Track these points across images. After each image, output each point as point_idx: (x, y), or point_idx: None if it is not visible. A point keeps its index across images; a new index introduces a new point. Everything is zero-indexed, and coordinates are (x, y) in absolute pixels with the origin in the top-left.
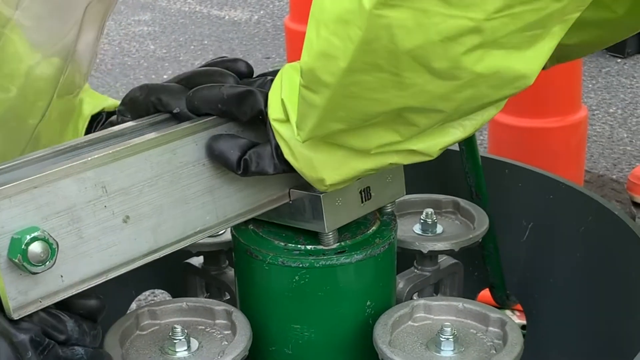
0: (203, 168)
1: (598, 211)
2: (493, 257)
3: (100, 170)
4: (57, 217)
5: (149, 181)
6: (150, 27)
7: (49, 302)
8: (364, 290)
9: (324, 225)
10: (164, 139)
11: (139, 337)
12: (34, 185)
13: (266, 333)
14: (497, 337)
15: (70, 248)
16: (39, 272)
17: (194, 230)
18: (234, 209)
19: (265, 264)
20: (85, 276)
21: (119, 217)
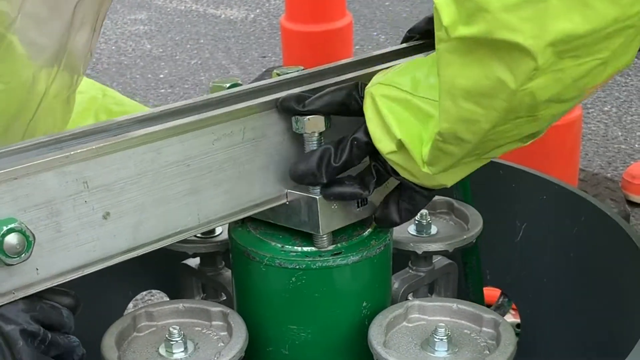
0: (187, 169)
1: (591, 212)
2: (475, 273)
3: (82, 165)
4: (36, 209)
5: (131, 179)
6: (146, 26)
7: (23, 294)
8: (360, 291)
9: (319, 227)
10: (149, 138)
11: (136, 338)
12: (14, 177)
13: (263, 334)
14: (490, 338)
15: (48, 241)
16: (14, 263)
17: (174, 230)
18: (216, 211)
19: (262, 265)
20: (62, 270)
21: (99, 213)
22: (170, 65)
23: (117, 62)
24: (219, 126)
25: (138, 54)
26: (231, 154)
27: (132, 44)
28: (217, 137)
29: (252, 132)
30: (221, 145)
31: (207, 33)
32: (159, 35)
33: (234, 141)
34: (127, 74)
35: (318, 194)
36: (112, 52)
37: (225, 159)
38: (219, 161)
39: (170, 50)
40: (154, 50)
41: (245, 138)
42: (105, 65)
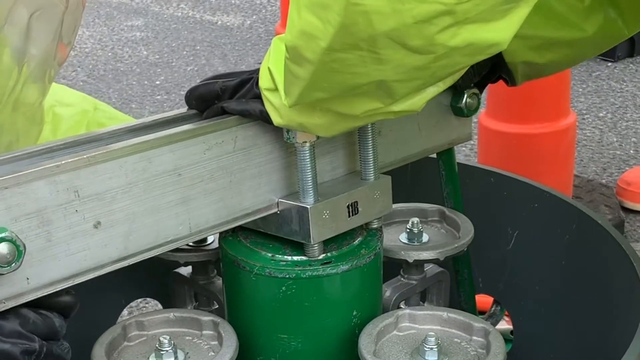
0: (179, 178)
1: (582, 220)
2: (467, 282)
3: (73, 174)
4: (26, 218)
5: (122, 188)
6: (143, 32)
7: (14, 303)
8: (350, 300)
9: (310, 237)
10: (140, 147)
11: (126, 348)
12: (5, 186)
13: (253, 343)
14: (480, 346)
15: (39, 250)
16: (4, 273)
17: (166, 240)
18: (208, 220)
19: (252, 275)
20: (52, 279)
21: (90, 222)
22: (166, 71)
23: (113, 69)
24: (210, 135)
25: (134, 60)
26: (222, 163)
27: (128, 51)
28: (208, 146)
29: (243, 142)
30: (213, 154)
31: (203, 39)
32: (156, 41)
33: (226, 150)
34: (124, 80)
35: (310, 204)
36: (109, 58)
37: (216, 168)
38: (210, 170)
39: (166, 56)
40: (151, 56)
41: (237, 147)
42: (102, 71)
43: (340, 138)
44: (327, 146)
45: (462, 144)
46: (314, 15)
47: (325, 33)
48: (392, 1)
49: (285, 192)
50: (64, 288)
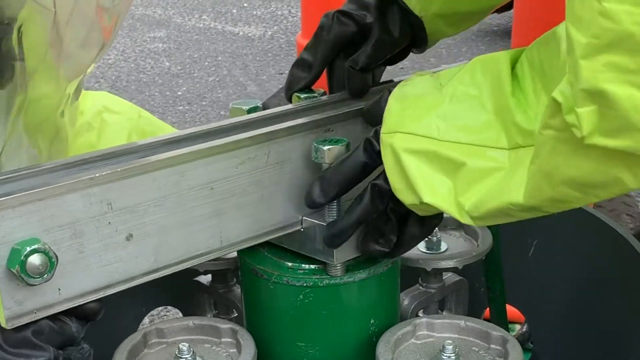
0: (211, 192)
1: (603, 229)
2: (499, 300)
3: (107, 187)
4: (59, 230)
5: (155, 201)
6: (165, 43)
7: (44, 314)
8: (367, 309)
9: (334, 257)
10: (173, 161)
11: (146, 355)
12: (39, 198)
13: (271, 351)
14: (498, 355)
15: (71, 262)
16: (36, 284)
17: (196, 253)
18: (239, 235)
19: (270, 283)
20: (83, 291)
21: (122, 235)
22: (188, 82)
23: (136, 80)
24: (243, 150)
25: (157, 71)
26: (255, 177)
27: (150, 62)
28: (241, 161)
29: (276, 157)
30: (245, 169)
31: (225, 50)
32: (178, 52)
33: (258, 165)
34: (146, 91)
35: None
36: (132, 69)
37: (248, 182)
38: (243, 185)
39: (188, 67)
40: (173, 67)
41: (269, 162)
42: (125, 82)
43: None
44: None
45: None
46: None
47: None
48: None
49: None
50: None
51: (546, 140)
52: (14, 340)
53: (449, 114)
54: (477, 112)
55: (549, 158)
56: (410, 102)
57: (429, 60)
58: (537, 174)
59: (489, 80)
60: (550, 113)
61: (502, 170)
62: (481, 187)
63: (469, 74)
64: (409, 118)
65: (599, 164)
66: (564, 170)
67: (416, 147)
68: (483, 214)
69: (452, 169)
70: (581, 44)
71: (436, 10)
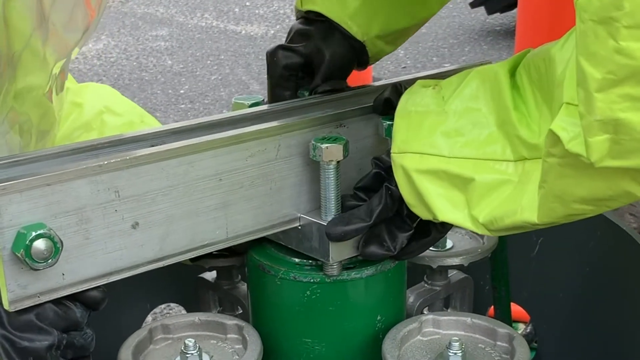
0: (219, 183)
1: (607, 227)
2: (504, 300)
3: (115, 174)
4: (66, 216)
5: (162, 190)
6: (167, 42)
7: (48, 298)
8: (374, 305)
9: (329, 256)
10: (183, 150)
11: (152, 351)
12: (47, 183)
13: (277, 347)
14: (505, 352)
15: (76, 248)
16: (40, 268)
17: (201, 243)
18: (245, 226)
19: (277, 279)
20: (87, 277)
21: (128, 223)
22: (190, 81)
23: (138, 78)
24: (253, 142)
25: (159, 69)
26: (264, 170)
27: (153, 60)
28: (251, 153)
29: (286, 150)
30: (254, 161)
31: (227, 49)
32: (180, 51)
33: (268, 158)
34: (148, 89)
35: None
36: (134, 68)
37: (257, 175)
38: (251, 177)
39: (190, 66)
40: (175, 66)
41: (279, 156)
42: (127, 81)
43: (365, 159)
44: (350, 164)
45: None
46: (589, 205)
47: (598, 212)
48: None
49: (307, 208)
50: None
51: (551, 167)
52: (19, 323)
53: (453, 130)
54: (481, 126)
55: (557, 182)
56: (415, 120)
57: (431, 60)
58: (548, 197)
59: (489, 93)
60: (550, 143)
61: (510, 183)
62: (492, 199)
63: (469, 87)
64: (415, 137)
65: (607, 182)
66: (573, 191)
67: (426, 167)
68: (499, 228)
69: (462, 184)
70: (596, 79)
71: (377, 32)
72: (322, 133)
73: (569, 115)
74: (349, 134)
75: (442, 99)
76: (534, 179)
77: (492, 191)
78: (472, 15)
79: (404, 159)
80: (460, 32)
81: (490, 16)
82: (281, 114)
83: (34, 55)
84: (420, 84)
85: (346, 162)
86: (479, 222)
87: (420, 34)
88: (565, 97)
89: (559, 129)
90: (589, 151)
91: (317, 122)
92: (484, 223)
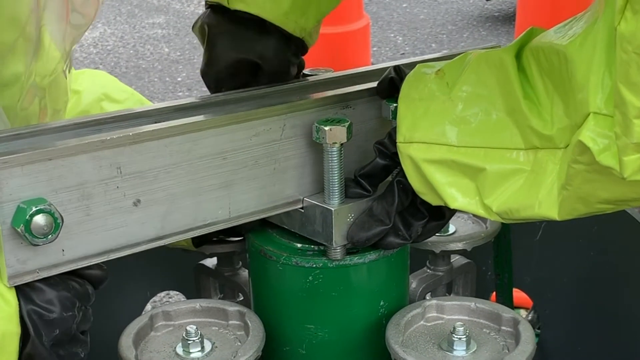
0: (223, 162)
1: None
2: (507, 287)
3: (117, 150)
4: (67, 191)
5: (165, 168)
6: (164, 30)
7: (47, 274)
8: (377, 290)
9: (333, 240)
10: (187, 128)
11: (153, 338)
12: (48, 157)
13: (280, 333)
14: (509, 337)
15: (76, 224)
16: (39, 244)
17: (203, 223)
18: (248, 207)
19: (279, 265)
20: (87, 253)
21: (130, 200)
22: (187, 68)
23: (135, 66)
24: (258, 121)
25: (156, 57)
26: (268, 150)
27: (150, 48)
28: (255, 132)
29: (291, 130)
30: (259, 140)
31: None
32: (177, 38)
33: (272, 137)
34: (145, 77)
35: (334, 206)
36: (131, 55)
37: (261, 154)
38: (255, 157)
39: (188, 53)
40: (172, 53)
41: (284, 135)
42: (124, 69)
43: (370, 142)
44: (355, 146)
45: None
46: (612, 205)
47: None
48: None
49: (310, 190)
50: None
51: (578, 173)
52: (46, 297)
53: (461, 118)
54: (488, 114)
55: (582, 186)
56: (421, 108)
57: (430, 46)
58: (571, 198)
59: (495, 80)
60: (579, 152)
61: (522, 172)
62: (505, 189)
63: (475, 73)
64: (422, 126)
65: (633, 187)
66: (598, 194)
67: (435, 156)
68: (514, 219)
69: (473, 173)
70: (636, 107)
71: (313, 23)
72: (327, 114)
73: (597, 125)
74: (355, 115)
75: (447, 85)
76: (549, 170)
77: (504, 180)
78: (471, 1)
79: (410, 149)
80: (458, 18)
81: (488, 2)
82: (287, 93)
83: (56, 33)
84: (420, 68)
85: (350, 144)
86: (492, 211)
87: (419, 20)
88: (591, 107)
89: (588, 139)
90: (622, 167)
91: (323, 103)
92: (499, 212)
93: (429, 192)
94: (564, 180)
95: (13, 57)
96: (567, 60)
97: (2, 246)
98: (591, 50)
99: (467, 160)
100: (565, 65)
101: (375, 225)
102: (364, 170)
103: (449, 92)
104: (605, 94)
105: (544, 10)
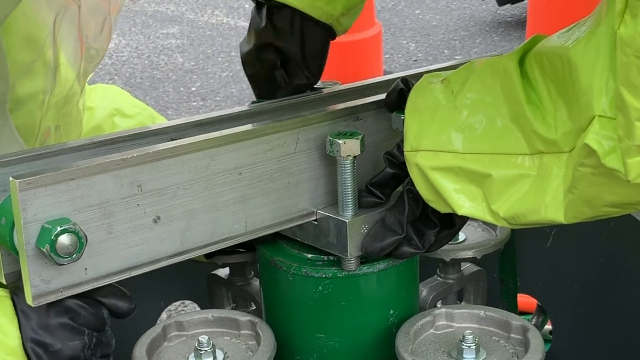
0: (239, 177)
1: (620, 217)
2: (512, 293)
3: (138, 168)
4: (89, 210)
5: (184, 184)
6: (178, 40)
7: (70, 292)
8: (387, 299)
9: (347, 251)
10: (204, 144)
11: (166, 348)
12: (71, 177)
13: (291, 343)
14: (519, 344)
15: (98, 242)
16: (64, 263)
17: (221, 237)
18: (263, 221)
19: (289, 275)
20: (109, 271)
21: (150, 217)
22: (202, 78)
23: (150, 76)
24: (273, 136)
25: (170, 67)
26: (282, 164)
27: (164, 58)
28: (270, 147)
29: (304, 144)
30: (274, 155)
31: (238, 46)
32: (191, 48)
33: (287, 151)
34: (160, 87)
35: (348, 217)
36: (145, 66)
37: (276, 168)
38: (270, 171)
39: (202, 63)
40: (186, 63)
41: (298, 149)
42: (139, 79)
43: (381, 152)
44: (366, 159)
45: None
46: (617, 208)
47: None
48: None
49: (323, 202)
50: (123, 291)
51: (584, 176)
52: (51, 324)
53: (466, 125)
54: (493, 120)
55: (588, 189)
56: (426, 117)
57: (442, 52)
58: (577, 201)
59: (499, 86)
60: (584, 154)
61: (528, 177)
62: (511, 194)
63: (479, 80)
64: (427, 134)
65: (637, 190)
66: (604, 197)
67: (441, 164)
68: (521, 223)
69: (479, 179)
70: (637, 109)
71: (340, 10)
72: (339, 127)
73: (602, 128)
74: (365, 127)
75: (452, 93)
76: (554, 174)
77: (510, 186)
78: (483, 6)
79: (417, 157)
80: (471, 23)
81: (501, 7)
82: (299, 107)
83: (73, 62)
84: (427, 78)
85: (362, 156)
86: (499, 216)
87: (431, 26)
88: (596, 110)
89: (593, 142)
90: (627, 170)
91: (334, 116)
92: (506, 218)
93: (437, 199)
94: (569, 184)
95: (29, 78)
96: (571, 64)
97: (27, 266)
98: (594, 53)
99: (473, 167)
100: (569, 69)
101: (388, 236)
102: (375, 179)
103: (454, 99)
104: (609, 97)
105: (554, 15)
